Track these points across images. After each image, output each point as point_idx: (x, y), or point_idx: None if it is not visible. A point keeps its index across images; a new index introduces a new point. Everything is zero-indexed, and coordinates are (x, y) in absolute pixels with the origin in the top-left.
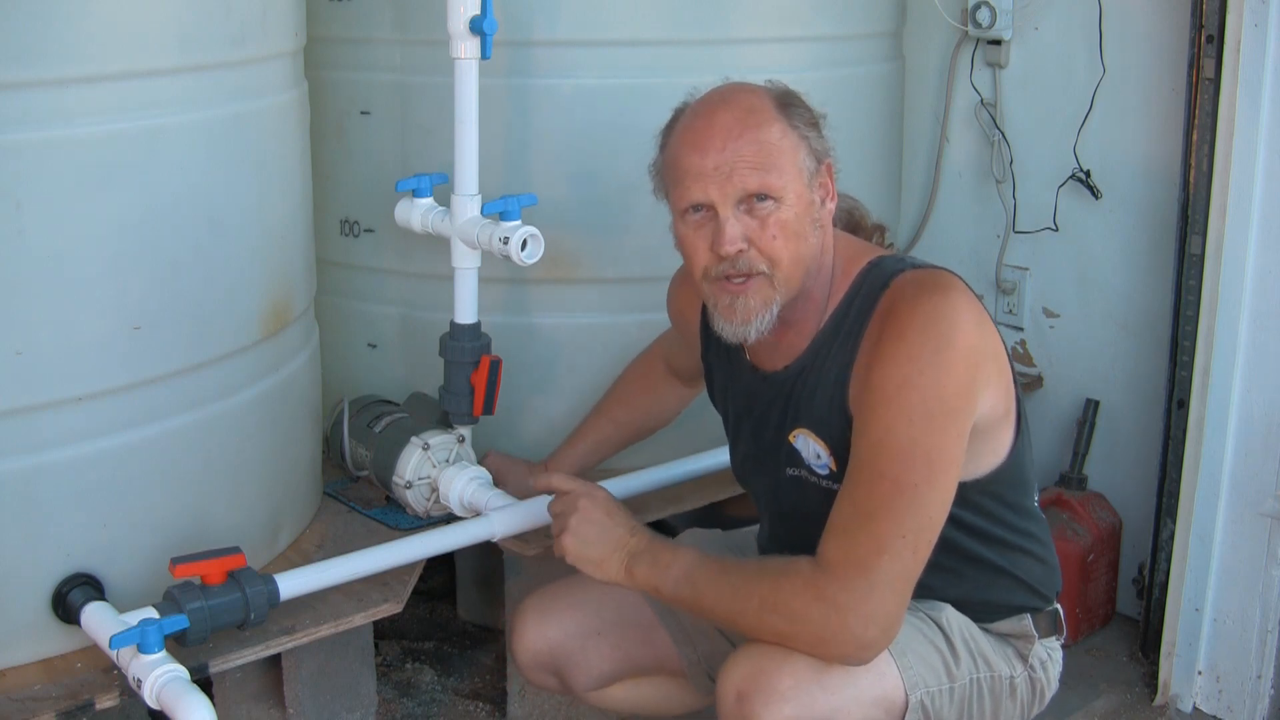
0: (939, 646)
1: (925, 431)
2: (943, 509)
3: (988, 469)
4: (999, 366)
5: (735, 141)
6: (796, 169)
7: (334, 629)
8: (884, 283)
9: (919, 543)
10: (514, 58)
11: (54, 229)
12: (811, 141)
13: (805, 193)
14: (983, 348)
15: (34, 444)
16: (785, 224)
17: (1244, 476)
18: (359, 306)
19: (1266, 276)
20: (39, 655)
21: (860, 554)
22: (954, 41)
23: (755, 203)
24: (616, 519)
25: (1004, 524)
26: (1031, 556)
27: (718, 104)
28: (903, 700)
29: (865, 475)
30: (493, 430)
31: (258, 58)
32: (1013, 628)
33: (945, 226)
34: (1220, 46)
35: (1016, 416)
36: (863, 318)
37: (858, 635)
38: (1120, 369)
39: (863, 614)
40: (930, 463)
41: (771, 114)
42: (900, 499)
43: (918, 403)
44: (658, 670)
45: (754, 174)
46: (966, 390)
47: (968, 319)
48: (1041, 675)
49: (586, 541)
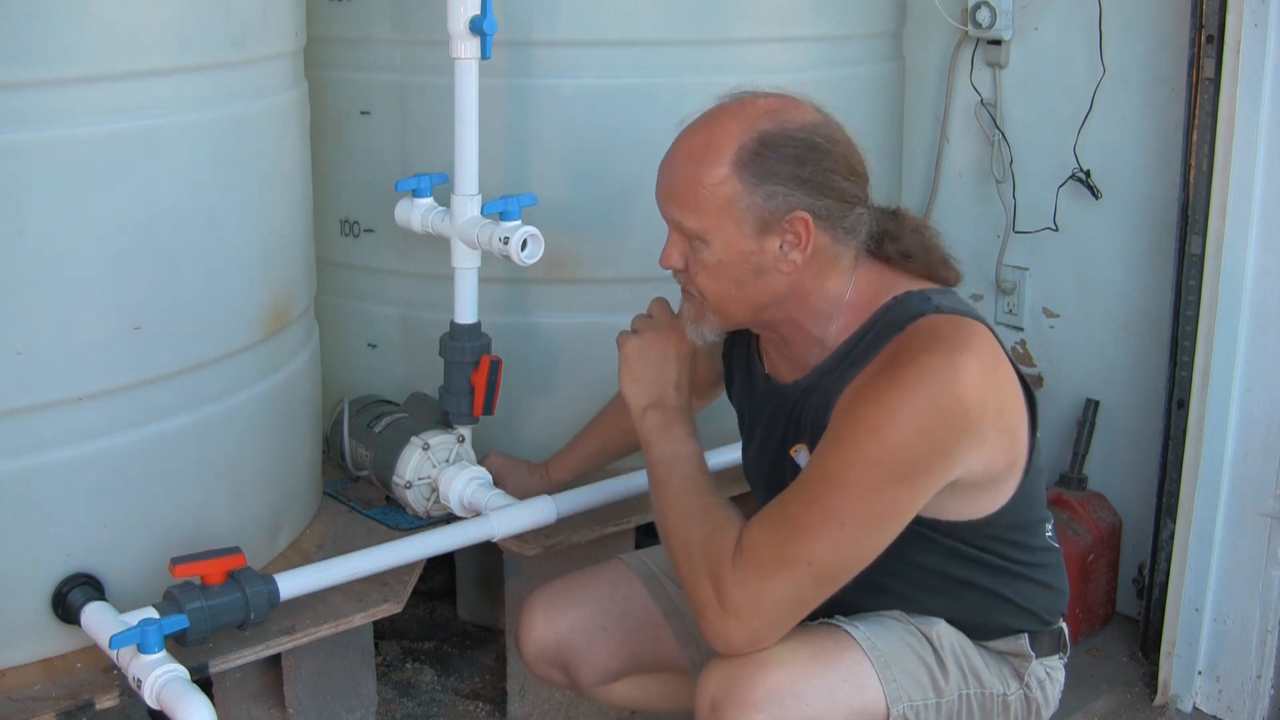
0: (927, 661)
1: (876, 483)
2: (866, 555)
3: (983, 514)
4: (1002, 427)
5: (673, 172)
6: (730, 218)
7: (334, 629)
8: (901, 324)
9: (824, 576)
10: (514, 58)
11: (54, 229)
12: (764, 194)
13: (741, 243)
14: (977, 414)
15: (34, 444)
16: (708, 266)
17: (1244, 476)
18: (359, 306)
19: (1266, 276)
20: (39, 655)
21: (766, 559)
22: (954, 41)
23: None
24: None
25: (1004, 557)
26: (1036, 584)
27: (695, 125)
28: (883, 713)
29: (806, 492)
30: (493, 430)
31: (257, 58)
32: (1008, 646)
33: (945, 226)
34: (1220, 46)
35: (1027, 463)
36: (871, 351)
37: (724, 631)
38: (1120, 369)
39: (740, 617)
40: (870, 513)
41: (725, 156)
42: (824, 529)
43: (879, 455)
44: (663, 667)
45: (677, 209)
46: (940, 455)
47: (967, 385)
48: (1038, 694)
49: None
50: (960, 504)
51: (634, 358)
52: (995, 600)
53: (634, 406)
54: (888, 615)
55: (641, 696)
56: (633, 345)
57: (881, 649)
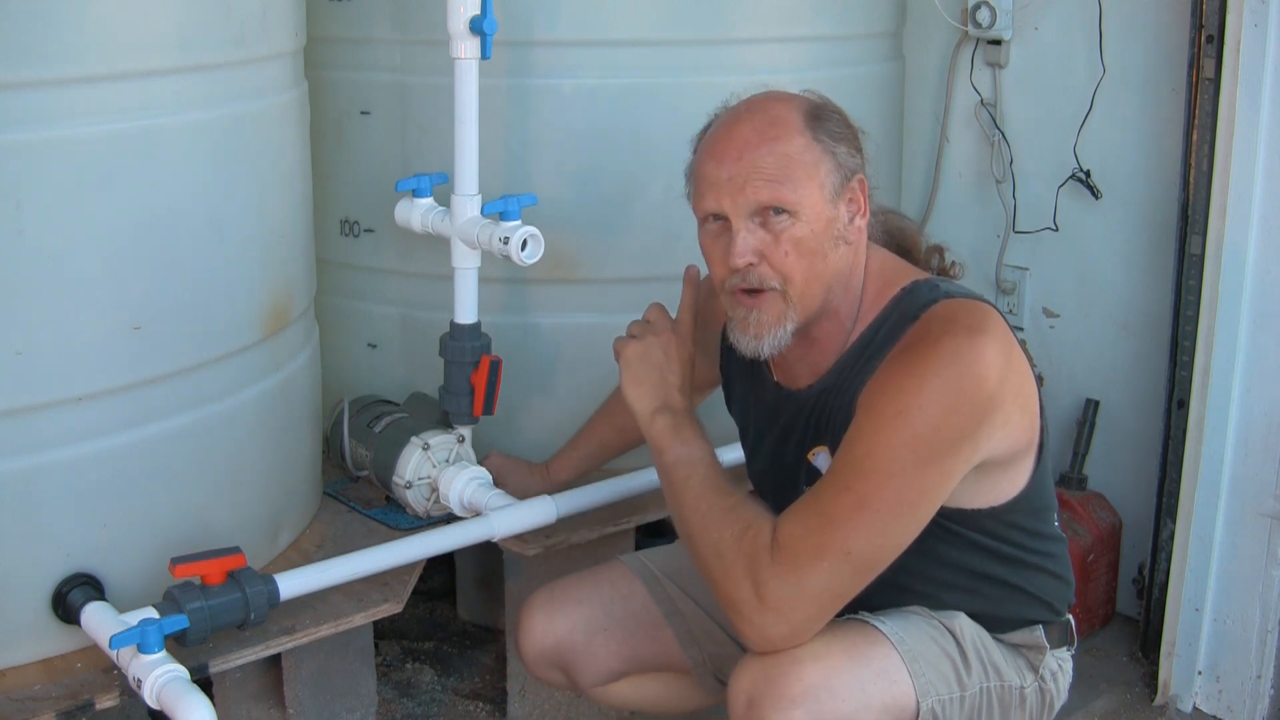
0: (951, 654)
1: (907, 466)
2: (900, 541)
3: (1004, 498)
4: (1021, 405)
5: (752, 153)
6: (817, 184)
7: (334, 629)
8: (915, 314)
9: (862, 566)
10: (514, 58)
11: (54, 229)
12: (839, 156)
13: (826, 209)
14: (999, 395)
15: (34, 444)
16: (799, 240)
17: (1244, 476)
18: (359, 306)
19: (1266, 276)
20: (39, 655)
21: (802, 552)
22: (954, 41)
23: (770, 216)
24: (675, 372)
25: (1021, 546)
26: (1047, 574)
27: (743, 113)
28: (914, 707)
29: (837, 481)
30: (493, 430)
31: (258, 58)
32: (1025, 639)
33: (945, 227)
34: (1220, 46)
35: (1040, 445)
36: (889, 342)
37: (764, 627)
38: (1120, 369)
39: (779, 611)
40: (901, 495)
41: (796, 126)
42: (859, 517)
43: (908, 438)
44: (663, 668)
45: (767, 186)
46: (966, 437)
47: (989, 364)
48: (1051, 686)
49: (642, 367)
50: (983, 489)
51: (636, 362)
52: (1012, 591)
53: (641, 411)
54: (910, 611)
55: (642, 697)
56: (634, 350)
57: (909, 644)
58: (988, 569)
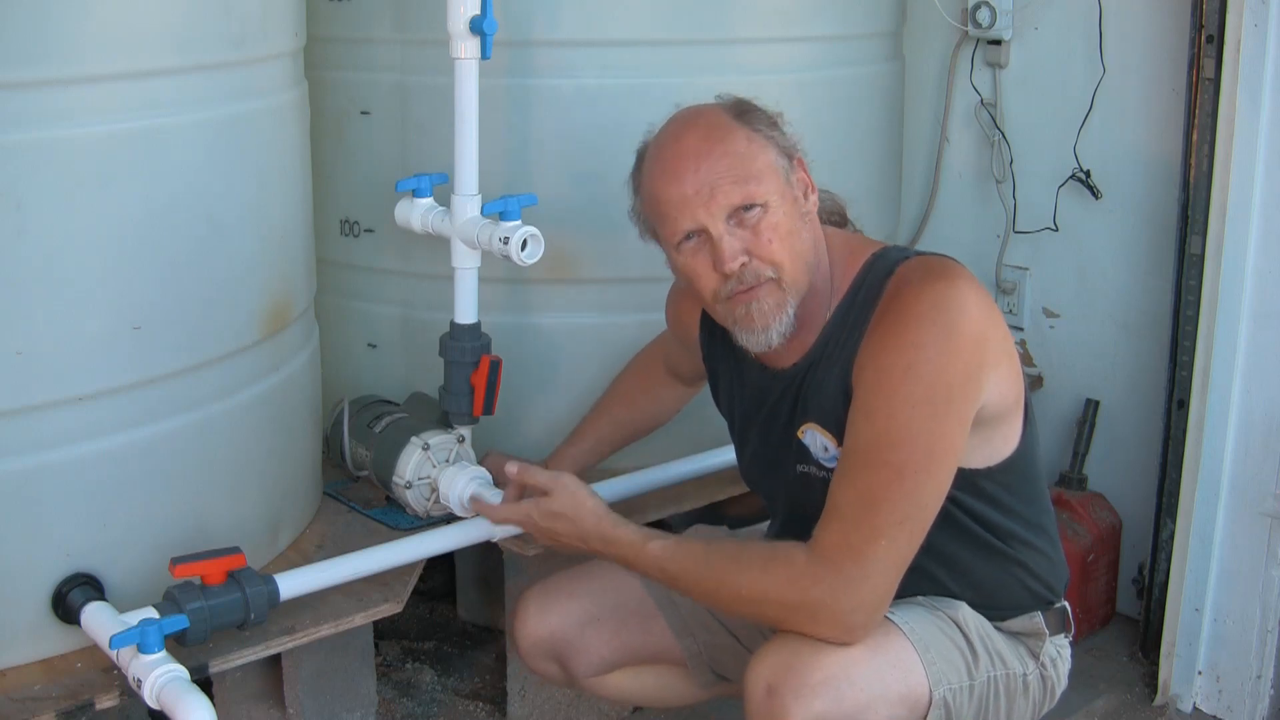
0: (959, 645)
1: (927, 418)
2: (939, 495)
3: (1000, 458)
4: (1007, 351)
5: (707, 161)
6: (772, 171)
7: (334, 629)
8: (889, 270)
9: (914, 529)
10: (514, 58)
11: (54, 229)
12: (778, 141)
13: (787, 191)
14: (989, 334)
15: (34, 444)
16: (777, 226)
17: (1244, 476)
18: (359, 306)
19: (1266, 276)
20: (39, 655)
21: (858, 540)
22: (954, 41)
23: (743, 214)
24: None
25: (1015, 515)
26: (1039, 552)
27: (678, 131)
28: (927, 696)
29: (867, 460)
30: (493, 430)
31: (257, 58)
32: (1025, 625)
33: (945, 226)
34: (1220, 46)
35: (1026, 405)
36: (869, 306)
37: (847, 620)
38: (1120, 369)
39: (855, 600)
40: (930, 450)
41: (732, 125)
42: (900, 486)
43: (921, 390)
44: (658, 659)
45: (734, 188)
46: (971, 377)
47: (974, 305)
48: (1053, 672)
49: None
50: (980, 447)
51: (548, 528)
52: (1006, 567)
53: (587, 550)
54: (913, 601)
55: (637, 688)
56: (536, 521)
57: (921, 634)
58: (982, 538)
